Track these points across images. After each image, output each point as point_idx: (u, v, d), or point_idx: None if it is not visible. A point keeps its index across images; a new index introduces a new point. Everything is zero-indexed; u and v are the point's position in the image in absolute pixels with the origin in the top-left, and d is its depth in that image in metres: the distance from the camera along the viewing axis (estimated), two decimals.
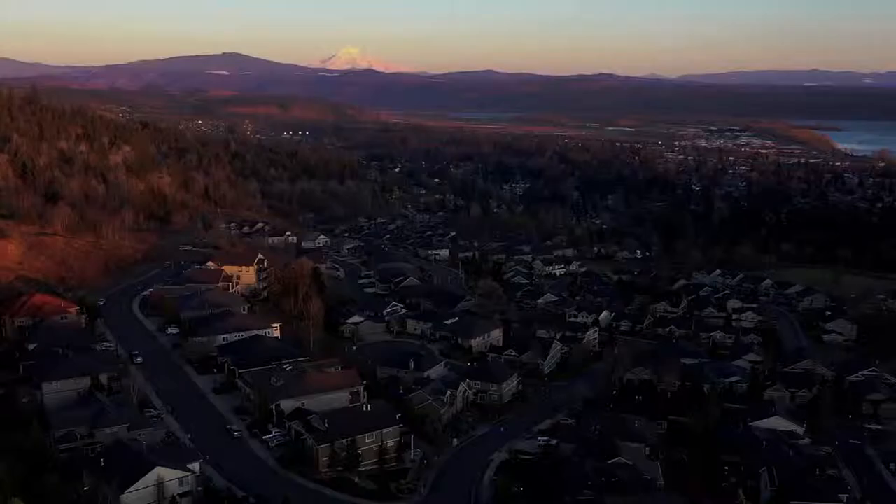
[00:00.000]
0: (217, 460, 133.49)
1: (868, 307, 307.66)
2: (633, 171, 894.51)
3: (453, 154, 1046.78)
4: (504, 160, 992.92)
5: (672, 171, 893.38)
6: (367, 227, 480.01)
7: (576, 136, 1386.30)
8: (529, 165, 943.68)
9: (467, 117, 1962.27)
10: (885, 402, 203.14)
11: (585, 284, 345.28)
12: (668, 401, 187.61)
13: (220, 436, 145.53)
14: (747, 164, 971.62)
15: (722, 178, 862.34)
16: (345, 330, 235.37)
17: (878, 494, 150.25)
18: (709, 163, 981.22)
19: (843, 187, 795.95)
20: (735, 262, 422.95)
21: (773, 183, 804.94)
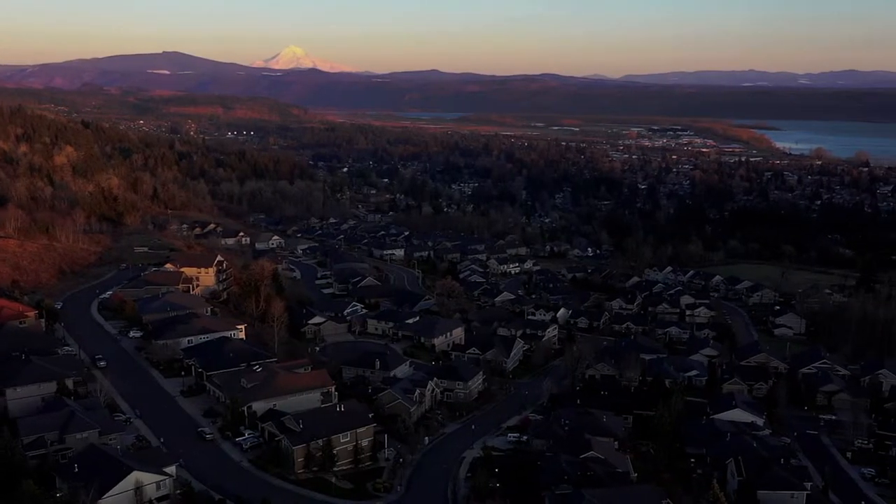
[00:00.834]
0: (190, 463, 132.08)
1: (815, 302, 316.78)
2: (580, 170, 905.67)
3: (401, 154, 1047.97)
4: (452, 160, 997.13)
5: (617, 170, 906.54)
6: (319, 227, 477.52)
7: (521, 135, 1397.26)
8: (477, 165, 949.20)
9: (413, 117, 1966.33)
10: (837, 392, 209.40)
11: (541, 283, 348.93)
12: (632, 395, 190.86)
13: (191, 439, 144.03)
14: (690, 163, 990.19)
15: (666, 177, 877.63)
16: (307, 331, 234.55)
17: (838, 482, 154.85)
18: (653, 162, 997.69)
19: (784, 185, 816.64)
20: (684, 260, 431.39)
21: (716, 181, 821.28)
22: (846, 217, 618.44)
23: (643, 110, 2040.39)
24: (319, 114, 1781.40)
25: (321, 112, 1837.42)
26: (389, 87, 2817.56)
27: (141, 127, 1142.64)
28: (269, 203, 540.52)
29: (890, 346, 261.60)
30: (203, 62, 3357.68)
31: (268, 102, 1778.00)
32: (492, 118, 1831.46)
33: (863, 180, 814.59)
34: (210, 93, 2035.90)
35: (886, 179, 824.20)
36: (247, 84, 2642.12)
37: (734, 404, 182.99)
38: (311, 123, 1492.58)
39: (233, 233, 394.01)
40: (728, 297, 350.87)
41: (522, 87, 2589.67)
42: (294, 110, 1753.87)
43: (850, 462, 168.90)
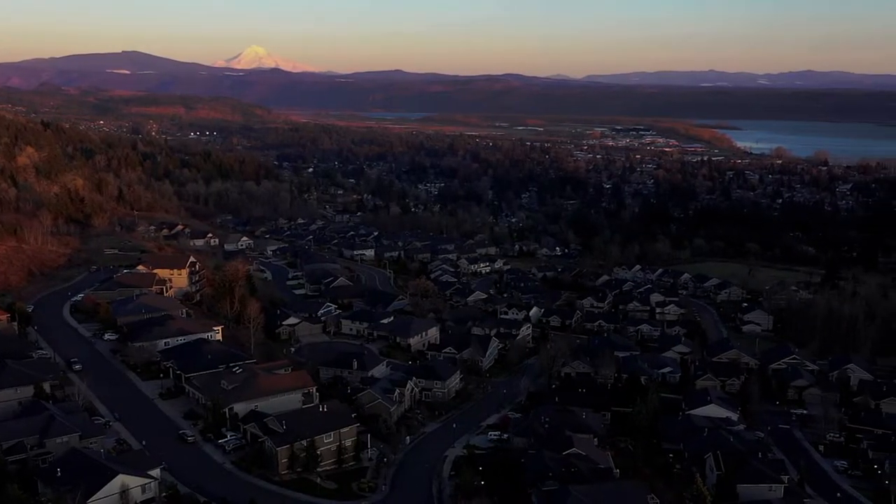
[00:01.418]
0: (173, 466, 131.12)
1: (782, 298, 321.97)
2: (545, 169, 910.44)
3: (366, 154, 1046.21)
4: (417, 160, 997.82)
5: (582, 170, 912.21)
6: (287, 228, 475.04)
7: (486, 135, 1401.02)
8: (443, 165, 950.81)
9: (377, 117, 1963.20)
10: (808, 387, 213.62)
11: (512, 282, 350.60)
12: (609, 393, 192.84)
13: (173, 441, 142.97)
14: (654, 163, 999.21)
15: (630, 177, 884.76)
16: (282, 332, 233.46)
17: (812, 475, 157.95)
18: (617, 161, 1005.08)
19: (745, 184, 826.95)
20: (651, 258, 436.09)
21: (679, 181, 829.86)
22: (807, 215, 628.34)
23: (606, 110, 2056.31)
24: (283, 114, 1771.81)
25: (284, 112, 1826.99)
26: (353, 87, 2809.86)
27: (101, 127, 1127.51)
28: (236, 204, 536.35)
29: (855, 341, 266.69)
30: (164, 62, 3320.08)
31: (230, 102, 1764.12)
32: (456, 118, 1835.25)
33: (822, 179, 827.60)
34: (171, 93, 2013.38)
35: (845, 178, 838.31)
36: (209, 84, 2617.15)
37: (709, 400, 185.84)
38: (275, 124, 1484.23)
39: (201, 234, 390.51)
40: (696, 294, 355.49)
41: (486, 88, 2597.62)
42: (257, 110, 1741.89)
43: (823, 455, 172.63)
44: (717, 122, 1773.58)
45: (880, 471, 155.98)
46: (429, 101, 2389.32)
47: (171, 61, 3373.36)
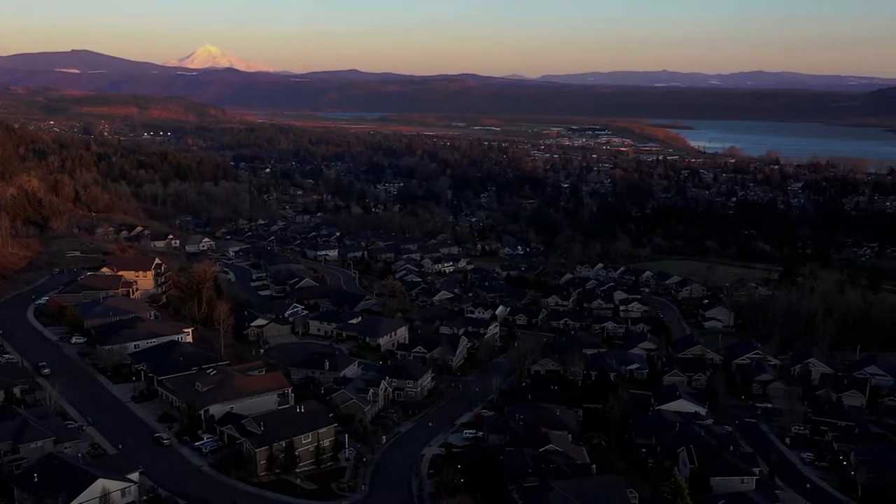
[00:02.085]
0: (150, 470, 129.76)
1: (742, 295, 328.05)
2: (503, 169, 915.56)
3: (324, 154, 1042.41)
4: (375, 160, 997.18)
5: (540, 170, 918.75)
6: (248, 229, 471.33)
7: (443, 135, 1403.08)
8: (401, 165, 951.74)
9: (333, 117, 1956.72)
10: (771, 382, 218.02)
11: (477, 281, 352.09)
12: (580, 389, 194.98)
13: (148, 445, 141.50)
14: (610, 162, 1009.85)
15: (588, 176, 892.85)
16: (250, 333, 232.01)
17: (781, 467, 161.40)
18: (574, 161, 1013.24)
19: (700, 183, 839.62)
20: (612, 256, 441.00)
21: (636, 180, 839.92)
22: (761, 213, 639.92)
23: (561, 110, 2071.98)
24: (238, 114, 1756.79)
25: (239, 112, 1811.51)
26: (308, 86, 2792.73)
27: (52, 128, 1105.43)
28: (195, 205, 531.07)
29: (814, 336, 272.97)
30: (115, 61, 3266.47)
31: (184, 102, 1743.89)
32: (413, 118, 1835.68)
33: (774, 178, 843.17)
34: (123, 92, 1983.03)
35: (796, 177, 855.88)
36: (161, 84, 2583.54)
37: (678, 395, 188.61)
38: (230, 124, 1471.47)
39: (162, 235, 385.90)
40: (658, 292, 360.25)
41: (442, 87, 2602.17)
42: (211, 110, 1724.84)
43: (789, 447, 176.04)
44: (671, 121, 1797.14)
45: (846, 462, 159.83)
46: (385, 100, 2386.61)
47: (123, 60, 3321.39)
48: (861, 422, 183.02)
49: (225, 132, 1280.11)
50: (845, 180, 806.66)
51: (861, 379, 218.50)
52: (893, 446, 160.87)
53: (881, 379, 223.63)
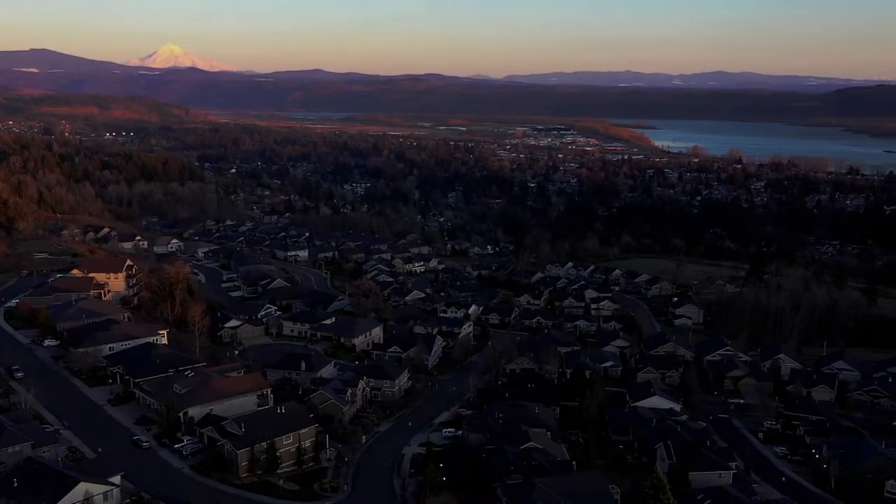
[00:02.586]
0: (130, 473, 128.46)
1: (711, 293, 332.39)
2: (470, 169, 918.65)
3: (290, 154, 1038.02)
4: (342, 160, 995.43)
5: (506, 169, 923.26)
6: (216, 230, 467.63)
7: (410, 135, 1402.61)
8: (368, 165, 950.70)
9: (298, 117, 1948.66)
10: (743, 378, 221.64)
11: (448, 281, 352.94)
12: (557, 387, 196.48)
13: (127, 448, 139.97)
14: (576, 162, 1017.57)
15: (554, 175, 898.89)
16: (223, 334, 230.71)
17: (755, 461, 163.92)
18: (540, 160, 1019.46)
19: (665, 182, 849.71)
20: (581, 255, 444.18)
21: (602, 179, 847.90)
22: (725, 212, 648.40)
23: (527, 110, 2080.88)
24: (202, 114, 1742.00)
25: (203, 112, 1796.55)
26: (272, 86, 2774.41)
27: (11, 128, 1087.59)
28: (161, 206, 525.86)
29: (782, 332, 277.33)
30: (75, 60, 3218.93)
31: (147, 102, 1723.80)
32: (379, 118, 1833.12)
33: (738, 177, 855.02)
34: (84, 92, 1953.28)
35: (759, 176, 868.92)
36: (123, 83, 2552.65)
37: (652, 392, 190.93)
38: (194, 124, 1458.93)
39: (129, 237, 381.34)
40: (628, 290, 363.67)
41: (408, 87, 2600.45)
42: (175, 110, 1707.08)
43: (763, 442, 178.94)
44: (635, 121, 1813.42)
45: (818, 455, 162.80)
46: (350, 100, 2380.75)
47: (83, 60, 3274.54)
48: (831, 416, 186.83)
49: (189, 132, 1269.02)
50: (806, 179, 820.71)
51: (829, 374, 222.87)
52: (864, 440, 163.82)
53: (848, 374, 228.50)
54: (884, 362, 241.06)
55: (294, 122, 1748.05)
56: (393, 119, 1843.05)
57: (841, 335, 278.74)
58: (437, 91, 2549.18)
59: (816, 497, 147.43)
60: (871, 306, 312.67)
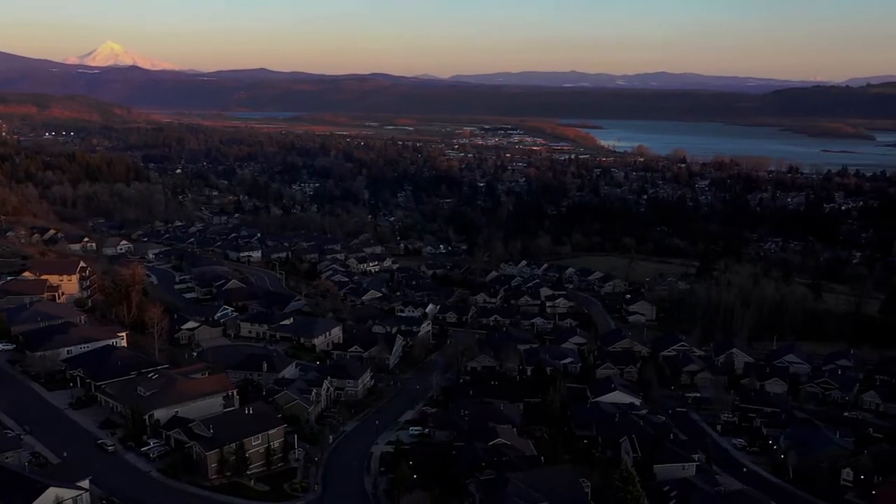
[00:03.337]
0: (97, 477, 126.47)
1: (663, 289, 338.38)
2: (419, 168, 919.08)
3: (236, 154, 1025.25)
4: (289, 160, 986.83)
5: (455, 169, 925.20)
6: (165, 231, 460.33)
7: (357, 135, 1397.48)
8: (316, 165, 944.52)
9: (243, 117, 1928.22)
10: (699, 372, 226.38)
11: (404, 280, 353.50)
12: (520, 384, 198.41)
13: (92, 452, 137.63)
14: (524, 161, 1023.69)
15: (503, 175, 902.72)
16: (181, 336, 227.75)
17: (715, 453, 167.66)
18: (489, 160, 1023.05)
19: (612, 181, 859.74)
20: (534, 253, 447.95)
21: (550, 178, 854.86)
22: (671, 210, 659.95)
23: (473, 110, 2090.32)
24: (144, 113, 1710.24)
25: (146, 111, 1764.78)
26: (216, 85, 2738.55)
27: None
28: (108, 207, 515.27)
29: (733, 327, 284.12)
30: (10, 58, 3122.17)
31: (87, 101, 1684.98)
32: (325, 118, 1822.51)
33: (682, 176, 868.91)
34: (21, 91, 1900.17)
35: (703, 175, 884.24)
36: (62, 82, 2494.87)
37: (613, 387, 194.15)
38: (137, 123, 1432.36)
39: (77, 238, 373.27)
40: (582, 288, 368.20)
41: (354, 87, 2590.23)
42: (116, 109, 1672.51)
43: (721, 434, 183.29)
44: (581, 121, 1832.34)
45: (775, 446, 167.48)
46: (296, 100, 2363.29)
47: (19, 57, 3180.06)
48: (786, 407, 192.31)
49: (131, 132, 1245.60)
50: (749, 178, 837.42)
51: (782, 367, 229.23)
52: (819, 430, 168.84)
53: (799, 367, 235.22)
54: (832, 355, 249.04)
55: (239, 121, 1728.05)
56: (339, 119, 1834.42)
57: (789, 329, 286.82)
58: (384, 91, 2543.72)
59: (776, 486, 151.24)
60: (816, 301, 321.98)
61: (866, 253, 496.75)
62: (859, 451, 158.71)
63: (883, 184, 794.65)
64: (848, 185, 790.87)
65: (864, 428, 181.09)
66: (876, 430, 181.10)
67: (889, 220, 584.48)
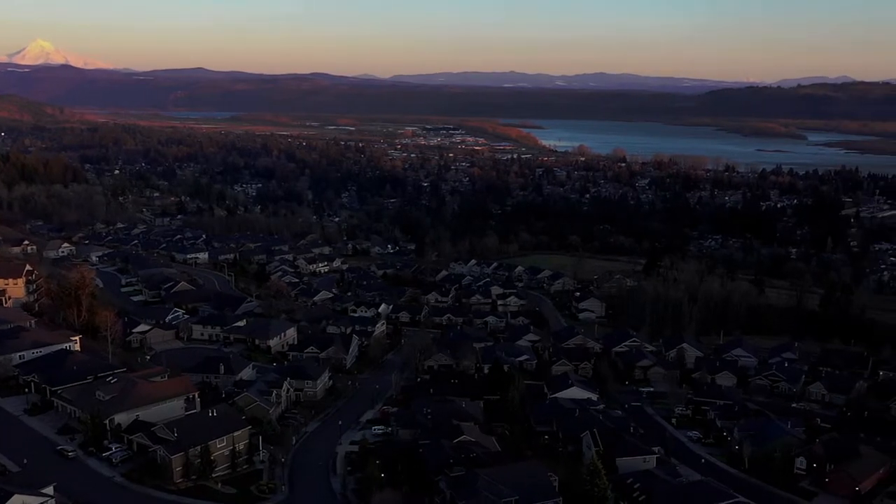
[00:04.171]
0: (60, 484, 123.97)
1: (611, 287, 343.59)
2: (362, 169, 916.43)
3: (175, 155, 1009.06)
4: (230, 160, 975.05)
5: (399, 169, 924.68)
6: (107, 233, 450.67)
7: (298, 135, 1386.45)
8: (258, 165, 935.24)
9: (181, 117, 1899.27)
10: (651, 367, 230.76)
11: (355, 280, 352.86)
12: (479, 382, 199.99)
13: (52, 459, 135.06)
14: (467, 161, 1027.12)
15: (446, 175, 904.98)
16: (132, 339, 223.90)
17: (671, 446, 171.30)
18: (432, 160, 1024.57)
19: (555, 180, 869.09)
20: (482, 252, 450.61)
21: (493, 178, 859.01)
22: (614, 209, 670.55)
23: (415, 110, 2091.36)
24: (78, 113, 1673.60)
25: (80, 111, 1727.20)
26: (153, 85, 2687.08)
27: None
28: (46, 209, 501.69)
29: (681, 322, 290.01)
30: None
31: (16, 100, 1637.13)
32: (266, 118, 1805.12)
33: (623, 175, 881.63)
34: None
35: (643, 174, 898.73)
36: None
37: (570, 384, 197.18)
38: (70, 123, 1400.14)
39: (16, 241, 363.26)
40: (531, 286, 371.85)
41: (294, 87, 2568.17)
42: (48, 109, 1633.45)
43: (676, 427, 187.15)
44: (521, 121, 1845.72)
45: (730, 437, 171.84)
46: (235, 100, 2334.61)
47: None
48: (737, 400, 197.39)
49: (65, 132, 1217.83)
50: (687, 177, 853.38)
51: (731, 361, 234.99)
52: (771, 421, 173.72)
53: (747, 360, 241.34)
54: (777, 348, 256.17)
55: (177, 121, 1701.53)
56: (280, 118, 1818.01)
57: (735, 324, 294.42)
58: (324, 90, 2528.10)
59: (733, 476, 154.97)
60: (760, 296, 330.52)
61: (802, 249, 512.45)
62: (811, 440, 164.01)
63: (815, 182, 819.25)
64: (782, 183, 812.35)
65: (812, 418, 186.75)
66: (823, 420, 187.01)
67: (822, 217, 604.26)
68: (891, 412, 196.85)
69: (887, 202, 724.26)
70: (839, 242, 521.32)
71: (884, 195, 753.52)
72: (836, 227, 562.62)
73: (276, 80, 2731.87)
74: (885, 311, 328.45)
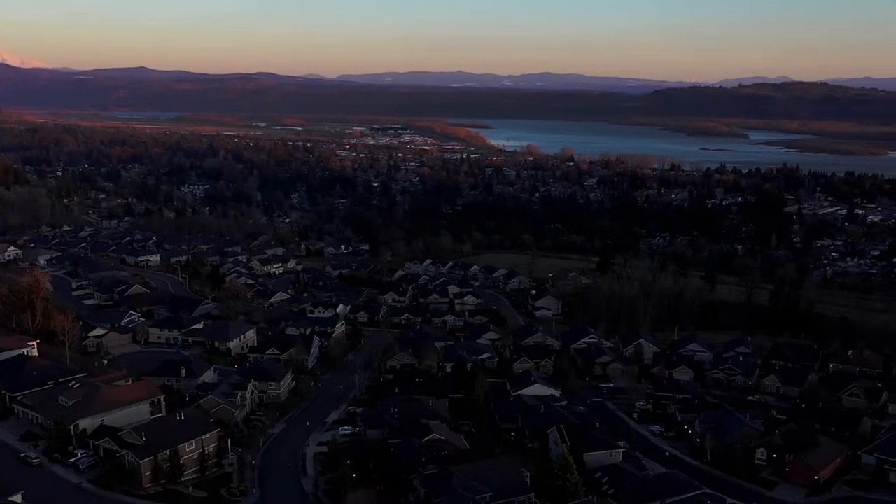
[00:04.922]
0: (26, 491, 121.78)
1: (567, 284, 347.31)
2: (311, 169, 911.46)
3: (119, 156, 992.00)
4: (176, 161, 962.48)
5: (349, 169, 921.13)
6: (53, 236, 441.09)
7: (245, 135, 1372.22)
8: (205, 166, 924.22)
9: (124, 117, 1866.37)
10: (610, 363, 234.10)
11: (310, 281, 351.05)
12: (443, 381, 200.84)
13: (16, 466, 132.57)
14: (417, 161, 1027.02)
15: (396, 175, 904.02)
16: (88, 344, 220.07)
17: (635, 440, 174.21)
18: (381, 160, 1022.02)
19: (504, 180, 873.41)
20: (436, 252, 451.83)
21: (444, 177, 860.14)
22: (563, 208, 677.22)
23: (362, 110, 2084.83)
24: (15, 113, 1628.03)
25: (17, 111, 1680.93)
26: (93, 84, 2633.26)
27: None
28: None
29: (636, 319, 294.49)
30: None
31: None
32: (211, 118, 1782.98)
33: (572, 174, 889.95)
34: None
35: (591, 173, 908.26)
36: None
37: (533, 381, 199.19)
38: (8, 123, 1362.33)
39: None
40: (487, 285, 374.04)
41: (239, 86, 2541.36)
42: None
43: (638, 422, 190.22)
44: (470, 120, 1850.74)
45: (691, 430, 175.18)
46: (179, 100, 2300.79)
47: None
48: (696, 394, 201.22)
49: (3, 133, 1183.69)
50: (635, 175, 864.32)
51: (687, 356, 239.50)
52: (730, 413, 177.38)
53: (702, 355, 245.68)
54: (730, 343, 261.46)
55: (120, 121, 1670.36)
56: (225, 118, 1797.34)
57: (688, 320, 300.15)
58: (270, 90, 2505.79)
59: (696, 468, 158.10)
60: (711, 292, 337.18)
61: (747, 246, 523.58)
62: (770, 431, 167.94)
63: (758, 180, 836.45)
64: (727, 181, 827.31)
65: (768, 410, 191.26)
66: (779, 412, 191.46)
67: (766, 214, 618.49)
68: (843, 403, 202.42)
69: (827, 199, 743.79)
70: (783, 239, 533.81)
71: (824, 192, 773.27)
72: (780, 224, 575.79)
73: (221, 79, 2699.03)
74: (831, 304, 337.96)
